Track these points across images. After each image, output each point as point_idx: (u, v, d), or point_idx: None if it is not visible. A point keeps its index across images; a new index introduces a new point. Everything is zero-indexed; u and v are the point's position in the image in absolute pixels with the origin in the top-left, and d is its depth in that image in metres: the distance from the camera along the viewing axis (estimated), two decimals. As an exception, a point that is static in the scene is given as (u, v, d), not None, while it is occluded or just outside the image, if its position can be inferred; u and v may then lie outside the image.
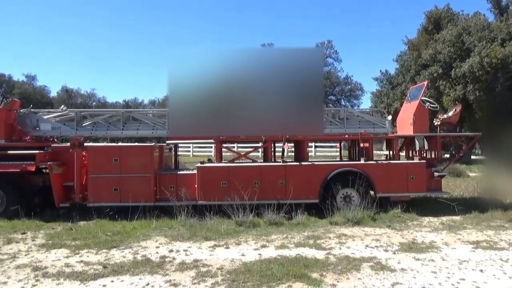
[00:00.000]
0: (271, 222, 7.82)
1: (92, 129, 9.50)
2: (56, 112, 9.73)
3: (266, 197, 8.43)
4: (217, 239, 6.82)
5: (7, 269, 5.45)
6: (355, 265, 5.43)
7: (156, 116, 10.19)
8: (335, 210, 8.33)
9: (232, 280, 4.87)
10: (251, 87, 8.58)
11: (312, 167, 8.82)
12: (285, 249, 6.23)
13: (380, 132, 10.07)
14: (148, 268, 5.39)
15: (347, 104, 49.47)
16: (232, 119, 8.63)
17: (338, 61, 49.80)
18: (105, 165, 8.61)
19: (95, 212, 8.39)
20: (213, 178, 8.56)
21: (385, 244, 6.50)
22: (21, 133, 9.32)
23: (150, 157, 8.72)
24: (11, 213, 8.40)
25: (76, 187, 8.71)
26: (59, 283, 4.90)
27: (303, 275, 4.98)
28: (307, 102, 8.58)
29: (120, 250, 6.26)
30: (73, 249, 6.36)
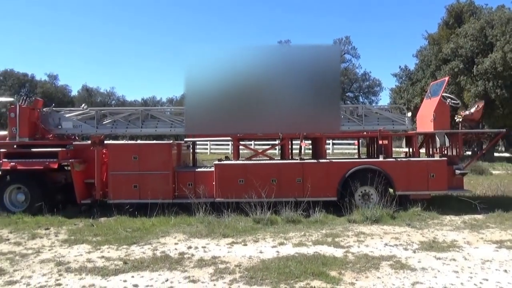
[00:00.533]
0: (288, 220, 7.81)
1: (112, 127, 9.66)
2: (77, 111, 9.93)
3: (284, 195, 8.41)
4: (235, 236, 6.86)
5: (31, 263, 5.61)
6: (374, 263, 5.37)
7: (174, 114, 10.28)
8: (353, 208, 8.26)
9: (250, 277, 4.89)
10: (268, 85, 8.56)
11: (330, 165, 8.76)
12: (303, 246, 6.21)
13: (400, 129, 9.91)
14: (167, 264, 5.46)
15: (365, 101, 48.91)
16: (249, 116, 8.62)
17: (356, 57, 49.28)
18: (124, 163, 8.76)
19: (115, 209, 8.54)
20: (230, 176, 8.60)
21: (405, 242, 6.40)
22: (44, 131, 9.56)
23: (169, 154, 8.82)
24: (35, 209, 8.62)
25: (97, 184, 8.89)
26: (81, 277, 5.02)
27: (321, 273, 4.96)
28: (324, 99, 8.51)
29: (139, 246, 6.35)
30: (94, 244, 6.50)
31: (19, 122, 8.99)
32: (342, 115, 9.63)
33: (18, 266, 5.50)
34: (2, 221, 8.13)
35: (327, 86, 8.50)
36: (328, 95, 8.56)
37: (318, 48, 8.93)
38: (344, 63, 49.06)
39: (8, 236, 7.12)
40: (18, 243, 6.67)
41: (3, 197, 8.82)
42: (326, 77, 8.50)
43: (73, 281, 4.89)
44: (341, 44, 48.30)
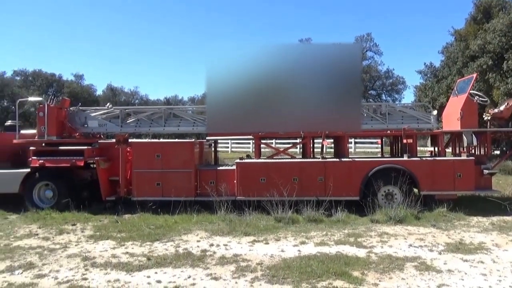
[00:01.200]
0: (310, 219, 7.76)
1: (136, 126, 9.83)
2: (103, 110, 10.16)
3: (305, 194, 8.36)
4: (256, 234, 6.87)
5: (59, 258, 5.79)
6: (398, 264, 5.27)
7: (196, 112, 10.37)
8: (376, 208, 8.12)
9: (272, 276, 4.88)
10: (289, 83, 8.54)
11: (352, 164, 8.65)
12: (324, 246, 6.16)
13: (425, 128, 9.67)
14: (189, 261, 5.52)
15: (388, 98, 47.99)
16: (271, 115, 8.61)
17: (379, 54, 48.34)
18: (148, 161, 8.90)
19: (139, 206, 8.71)
20: (252, 174, 8.61)
21: (430, 244, 6.26)
22: (71, 130, 9.82)
23: (191, 153, 8.91)
24: (62, 206, 8.88)
25: (121, 182, 9.07)
26: (107, 272, 5.14)
27: (343, 273, 4.91)
28: (345, 98, 8.44)
29: (162, 243, 6.45)
30: (119, 241, 6.64)
31: (48, 121, 9.27)
32: (365, 113, 9.49)
33: (46, 260, 5.68)
34: (31, 217, 8.42)
35: (348, 84, 8.43)
36: (349, 93, 8.48)
37: (339, 46, 8.88)
38: (366, 60, 48.29)
39: (37, 231, 7.37)
40: (46, 238, 6.89)
41: (32, 194, 9.13)
42: (347, 75, 8.43)
43: (98, 276, 5.01)
44: (363, 41, 47.55)
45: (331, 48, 8.79)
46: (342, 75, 8.39)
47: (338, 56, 8.52)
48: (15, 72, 50.83)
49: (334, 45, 8.81)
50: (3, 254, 5.99)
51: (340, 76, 8.39)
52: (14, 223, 8.04)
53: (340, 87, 8.39)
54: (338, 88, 8.40)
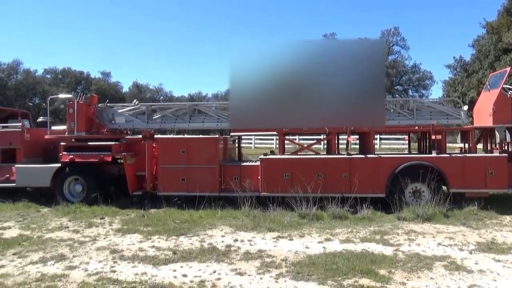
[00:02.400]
0: (335, 216, 7.67)
1: (161, 122, 9.97)
2: (129, 106, 10.35)
3: (330, 190, 8.27)
4: (280, 230, 6.85)
5: (88, 250, 5.95)
6: (427, 263, 5.14)
7: (220, 108, 10.41)
8: (403, 205, 7.96)
9: (297, 272, 4.86)
10: (313, 79, 8.48)
11: (378, 160, 8.49)
12: (350, 243, 6.08)
13: (454, 124, 9.38)
14: (214, 256, 5.57)
15: (415, 94, 46.87)
16: (295, 111, 8.56)
17: (406, 48, 47.24)
18: (173, 156, 9.02)
19: (164, 201, 8.85)
20: (276, 170, 8.59)
21: (460, 243, 6.07)
22: (99, 126, 10.07)
23: (215, 148, 8.97)
24: (91, 200, 9.13)
25: (147, 177, 9.24)
26: (134, 265, 5.25)
27: (370, 271, 4.83)
28: (369, 93, 8.34)
29: (188, 238, 6.53)
30: (145, 234, 6.77)
31: (77, 117, 9.52)
32: (392, 109, 9.29)
33: (76, 252, 5.86)
34: (62, 210, 8.69)
35: (372, 80, 8.35)
36: (373, 89, 8.39)
37: (363, 42, 8.75)
38: (393, 55, 47.32)
39: (67, 224, 7.60)
40: (76, 231, 7.10)
41: (63, 188, 9.42)
42: (371, 71, 8.35)
43: (126, 269, 5.13)
44: (389, 35, 46.60)
45: (355, 43, 8.73)
46: (366, 70, 8.31)
47: (362, 51, 8.45)
48: (45, 70, 52.69)
49: (358, 40, 8.69)
50: (36, 245, 6.22)
51: (364, 72, 8.32)
52: (46, 216, 8.32)
53: (364, 82, 8.31)
54: (362, 83, 8.32)
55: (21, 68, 47.29)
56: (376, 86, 8.44)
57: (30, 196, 10.07)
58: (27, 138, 10.01)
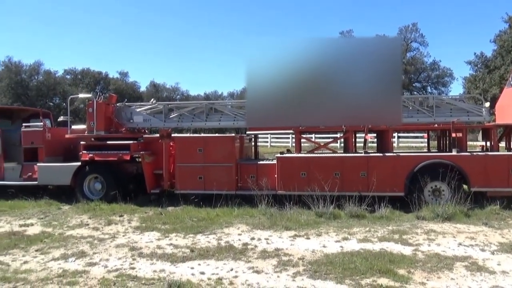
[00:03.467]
0: (352, 215, 7.60)
1: (179, 121, 10.05)
2: (147, 105, 10.47)
3: (347, 189, 8.20)
4: (297, 229, 6.83)
5: (108, 247, 6.06)
6: (447, 264, 5.05)
7: (235, 107, 10.42)
8: (422, 204, 7.82)
9: (314, 271, 4.84)
10: (329, 77, 8.44)
11: (397, 158, 8.37)
12: (368, 242, 6.02)
13: (476, 121, 9.16)
14: (231, 254, 5.59)
15: (434, 91, 45.95)
16: (311, 109, 8.53)
17: (424, 45, 46.32)
18: (190, 155, 9.09)
19: (181, 199, 8.92)
20: (292, 169, 8.56)
21: (482, 243, 5.94)
22: (118, 125, 10.21)
23: (232, 147, 9.00)
24: (110, 198, 9.28)
25: (165, 175, 9.34)
26: (153, 263, 5.31)
27: (388, 270, 4.77)
28: (385, 91, 8.28)
29: (205, 236, 6.57)
30: (163, 232, 6.84)
31: (96, 116, 9.69)
32: (411, 106, 9.13)
33: (96, 249, 5.97)
34: (82, 208, 8.87)
35: (388, 78, 8.31)
36: (389, 87, 8.34)
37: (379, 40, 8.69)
38: (411, 52, 46.51)
39: (87, 222, 7.76)
40: (96, 228, 7.24)
41: (83, 186, 9.61)
42: (388, 69, 8.30)
43: (145, 266, 5.20)
44: (407, 32, 45.79)
45: (372, 41, 8.67)
46: (383, 68, 8.26)
47: (378, 49, 8.40)
48: (65, 71, 53.80)
49: (374, 38, 8.63)
50: (58, 242, 6.37)
51: (380, 70, 8.27)
52: (67, 213, 8.50)
53: (380, 80, 8.27)
54: (378, 81, 8.28)
55: (42, 69, 48.49)
56: (392, 84, 8.37)
57: (52, 193, 10.29)
58: (48, 138, 10.24)
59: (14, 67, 45.41)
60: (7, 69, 44.95)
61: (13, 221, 7.93)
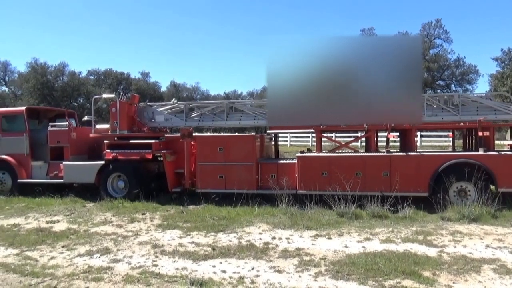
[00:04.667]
0: (374, 215, 7.49)
1: (199, 120, 10.13)
2: (168, 105, 10.59)
3: (369, 189, 8.08)
4: (318, 229, 6.78)
5: (131, 244, 6.16)
6: (474, 266, 4.91)
7: (255, 106, 10.42)
8: (447, 205, 7.64)
9: (336, 271, 4.79)
10: (350, 75, 8.37)
11: (421, 158, 8.19)
12: (391, 243, 5.91)
13: (503, 119, 8.88)
14: (252, 253, 5.60)
15: (458, 89, 44.71)
16: (333, 107, 8.46)
17: (448, 42, 45.09)
18: (211, 154, 9.15)
19: (202, 197, 9.00)
20: (313, 168, 8.50)
21: (510, 245, 5.74)
22: (140, 124, 10.38)
23: (253, 146, 9.01)
24: (132, 196, 9.44)
25: (186, 174, 9.43)
26: (175, 260, 5.37)
27: (413, 272, 4.67)
28: (406, 90, 8.17)
29: (226, 234, 6.60)
30: (185, 230, 6.91)
31: (119, 116, 9.88)
32: (435, 105, 8.93)
33: (120, 246, 6.08)
34: (106, 205, 9.05)
35: (409, 76, 8.21)
36: (410, 85, 8.23)
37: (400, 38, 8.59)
38: (434, 49, 45.33)
39: (111, 219, 7.91)
40: (119, 226, 7.37)
41: (107, 184, 9.81)
42: (408, 67, 8.20)
43: (167, 263, 5.26)
44: (431, 28, 44.68)
45: (392, 40, 8.55)
46: (403, 67, 8.18)
47: (399, 48, 8.33)
48: (89, 72, 54.95)
49: (395, 37, 8.54)
50: (83, 239, 6.52)
51: (401, 68, 8.19)
52: (91, 211, 8.69)
53: (401, 79, 8.18)
54: (399, 80, 8.21)
55: (67, 70, 49.70)
56: (413, 82, 8.29)
57: (76, 191, 10.56)
58: (73, 137, 10.50)
59: (40, 68, 46.71)
60: (33, 71, 46.27)
61: (40, 217, 8.17)
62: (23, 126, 10.75)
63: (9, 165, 10.66)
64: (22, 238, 6.62)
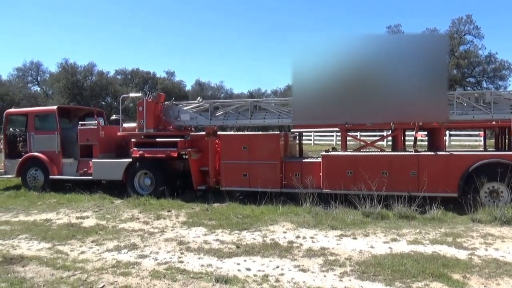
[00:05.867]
0: (401, 215, 7.33)
1: (224, 119, 10.19)
2: (194, 104, 10.70)
3: (396, 189, 7.92)
4: (343, 228, 6.70)
5: (158, 241, 6.27)
6: (507, 270, 4.73)
7: (279, 104, 10.38)
8: (478, 206, 7.39)
9: (362, 272, 4.72)
10: (376, 74, 8.28)
11: (450, 157, 7.96)
12: (418, 244, 5.78)
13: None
14: (277, 251, 5.59)
15: (489, 86, 43.13)
16: (359, 106, 8.37)
17: (479, 37, 43.53)
18: (235, 152, 9.20)
19: (227, 196, 9.06)
20: (338, 167, 8.41)
21: (546, 249, 5.51)
22: (166, 123, 10.54)
23: (277, 145, 8.99)
24: (158, 193, 9.61)
25: (211, 172, 9.52)
26: (200, 257, 5.44)
27: (442, 274, 4.55)
28: (431, 88, 8.04)
29: (250, 232, 6.62)
30: (209, 228, 6.98)
31: (146, 115, 10.06)
32: (465, 103, 8.65)
33: (147, 242, 6.20)
34: (133, 202, 9.25)
35: (434, 75, 8.08)
36: (435, 84, 8.09)
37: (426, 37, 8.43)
38: (464, 45, 43.93)
39: (138, 216, 8.08)
40: (146, 222, 7.52)
41: (134, 181, 10.03)
42: (434, 66, 8.10)
43: (193, 260, 5.33)
44: (461, 24, 43.28)
45: (418, 38, 8.47)
46: (429, 65, 8.08)
47: (425, 46, 8.22)
48: (116, 71, 56.26)
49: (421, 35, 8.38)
50: (111, 234, 6.69)
51: (426, 66, 8.09)
52: (119, 207, 8.91)
53: (426, 77, 8.06)
54: (424, 78, 8.08)
55: (96, 70, 51.07)
56: (438, 80, 8.14)
57: (105, 188, 10.84)
58: (102, 135, 10.78)
59: (70, 68, 48.19)
60: (63, 71, 47.79)
61: (70, 213, 8.43)
62: (54, 125, 11.13)
63: (41, 162, 11.07)
64: (53, 232, 6.86)
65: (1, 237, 6.68)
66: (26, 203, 9.64)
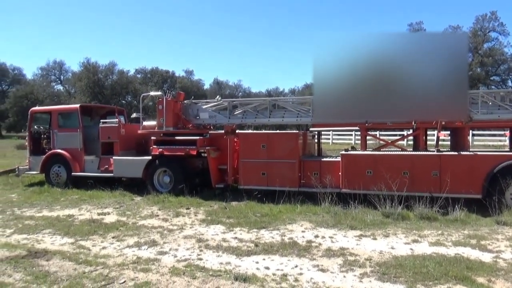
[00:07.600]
0: (422, 216, 7.20)
1: (242, 117, 10.17)
2: (212, 102, 10.74)
3: (417, 189, 7.77)
4: (362, 229, 6.62)
5: (177, 238, 6.33)
6: (534, 274, 4.58)
7: (297, 103, 10.30)
8: (503, 208, 7.19)
9: (382, 273, 4.65)
10: (397, 72, 8.14)
11: (474, 158, 7.76)
12: (441, 246, 5.66)
13: None
14: (295, 250, 5.56)
15: (515, 85, 41.85)
16: (379, 104, 8.22)
17: (505, 34, 42.29)
18: (254, 151, 9.20)
19: (245, 194, 9.06)
20: (358, 166, 8.31)
21: None
22: (185, 121, 10.61)
23: (295, 143, 8.95)
24: (177, 191, 9.69)
25: (229, 170, 9.55)
26: (219, 255, 5.46)
27: (465, 277, 4.44)
28: (452, 87, 7.86)
29: (268, 231, 6.61)
30: (228, 226, 7.00)
31: (165, 113, 10.15)
32: (491, 102, 8.41)
33: (166, 239, 6.27)
34: (152, 199, 9.36)
35: (454, 73, 7.90)
36: (455, 82, 7.90)
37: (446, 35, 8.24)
38: (489, 42, 42.74)
39: (157, 213, 8.17)
40: (165, 219, 7.60)
41: (153, 178, 10.15)
42: (454, 64, 7.93)
43: (212, 257, 5.36)
44: (485, 20, 42.13)
45: (438, 37, 8.46)
46: (449, 63, 7.92)
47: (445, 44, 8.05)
48: (136, 71, 57.17)
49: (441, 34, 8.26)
50: (131, 231, 6.79)
51: (446, 65, 7.92)
52: (139, 204, 9.03)
53: (446, 75, 7.89)
54: (444, 77, 7.91)
55: (116, 69, 52.00)
56: (458, 79, 7.96)
57: (125, 185, 11.01)
58: (122, 133, 10.95)
59: (92, 67, 49.22)
60: (85, 70, 48.86)
61: (92, 209, 8.60)
62: (77, 123, 11.37)
63: (64, 159, 11.32)
64: (76, 228, 7.01)
65: (26, 231, 6.87)
66: (50, 199, 9.88)
